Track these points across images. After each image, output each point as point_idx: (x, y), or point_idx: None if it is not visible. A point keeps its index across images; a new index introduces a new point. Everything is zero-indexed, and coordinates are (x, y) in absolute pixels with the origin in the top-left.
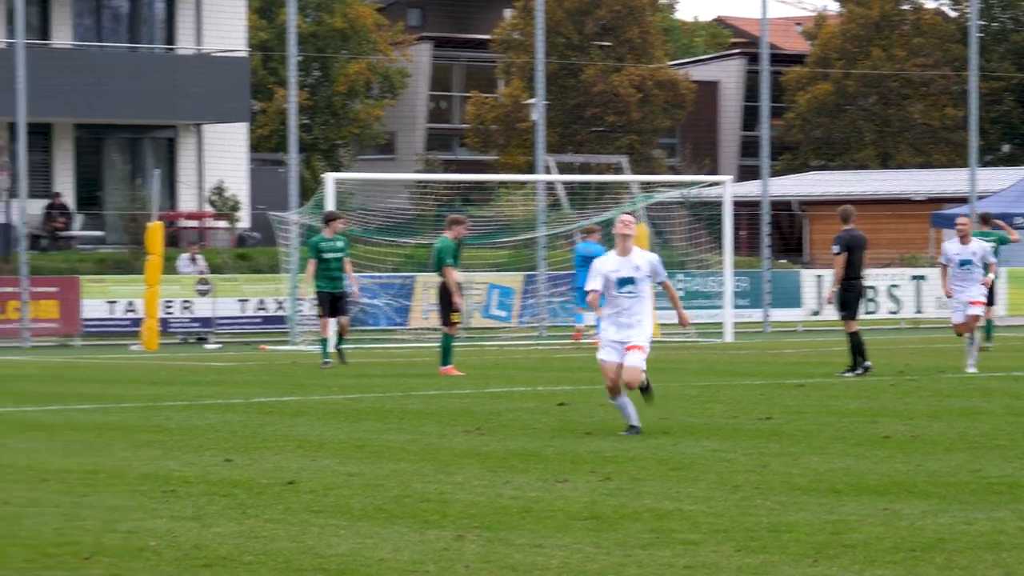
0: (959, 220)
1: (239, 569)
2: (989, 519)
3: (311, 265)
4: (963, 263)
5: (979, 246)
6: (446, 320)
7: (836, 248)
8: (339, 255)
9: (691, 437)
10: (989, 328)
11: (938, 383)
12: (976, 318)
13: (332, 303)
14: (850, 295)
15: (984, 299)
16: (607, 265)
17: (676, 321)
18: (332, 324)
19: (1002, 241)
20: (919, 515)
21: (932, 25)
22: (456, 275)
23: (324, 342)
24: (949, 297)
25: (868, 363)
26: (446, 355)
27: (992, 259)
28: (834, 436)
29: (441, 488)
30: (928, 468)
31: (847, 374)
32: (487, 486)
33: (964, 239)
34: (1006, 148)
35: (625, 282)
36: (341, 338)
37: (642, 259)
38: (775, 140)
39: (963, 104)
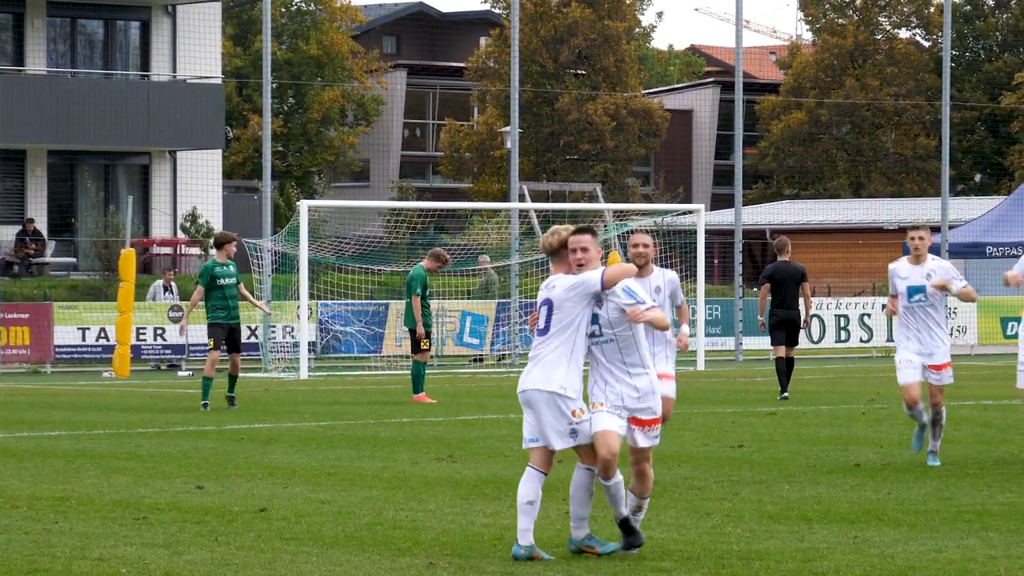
0: (636, 239)
1: None
2: (959, 547)
3: (198, 292)
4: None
5: (665, 278)
6: (416, 347)
7: (762, 279)
8: (233, 280)
9: (663, 464)
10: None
11: None
12: (671, 401)
13: (229, 336)
14: (772, 323)
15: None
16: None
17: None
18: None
19: None
20: (889, 543)
21: (905, 55)
22: (418, 304)
23: (208, 381)
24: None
25: (786, 394)
26: (417, 383)
27: (682, 297)
28: (805, 464)
29: (413, 516)
30: (898, 496)
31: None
32: (459, 514)
33: (644, 268)
34: (978, 178)
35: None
36: (233, 379)
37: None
38: (748, 169)
39: (935, 133)
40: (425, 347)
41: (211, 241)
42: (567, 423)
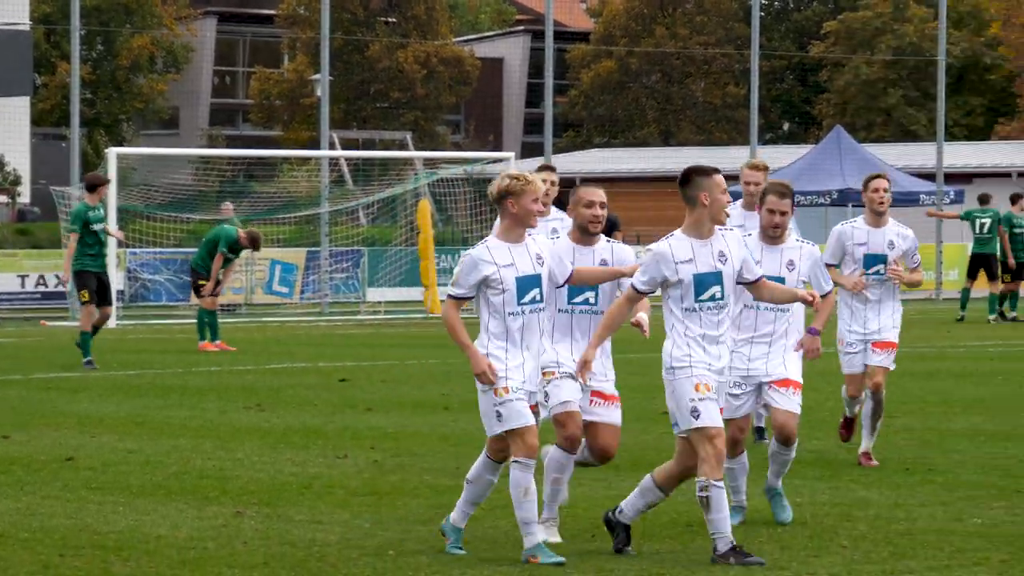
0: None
1: (15, 546)
2: (761, 494)
3: (75, 239)
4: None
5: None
6: (199, 292)
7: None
8: (103, 225)
9: (472, 413)
10: None
11: None
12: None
13: (99, 288)
14: None
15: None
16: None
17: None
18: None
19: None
20: (695, 491)
21: (715, 4)
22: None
23: (87, 337)
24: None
25: None
26: (203, 330)
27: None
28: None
29: (221, 464)
30: None
31: None
32: (267, 462)
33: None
34: (787, 126)
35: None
36: (96, 331)
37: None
38: (559, 117)
39: (744, 82)
40: (209, 292)
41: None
42: None
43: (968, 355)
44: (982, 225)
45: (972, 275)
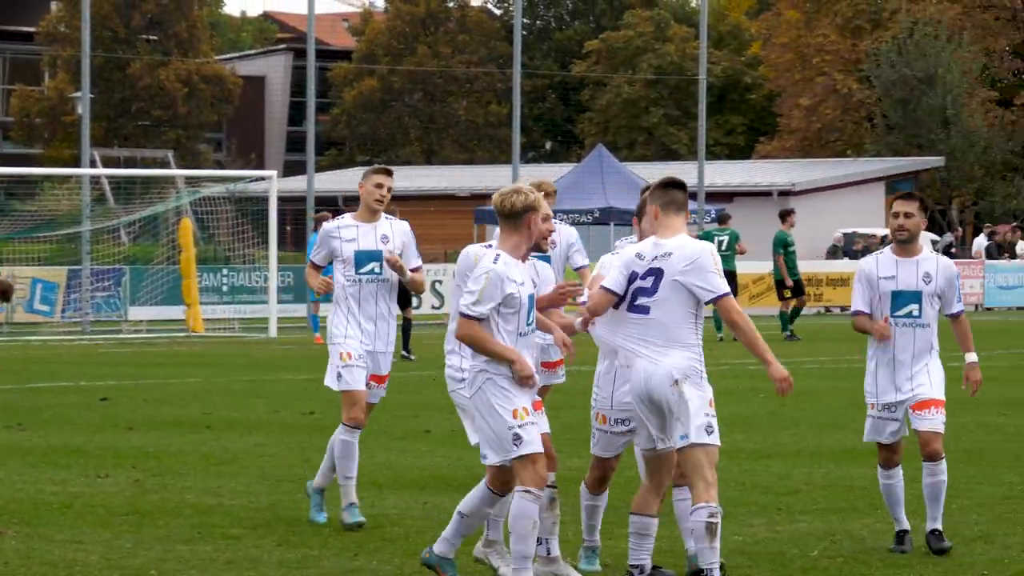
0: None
1: None
2: None
3: None
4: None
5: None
6: None
7: None
8: None
9: (234, 431)
10: None
11: None
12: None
13: None
14: None
15: None
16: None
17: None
18: None
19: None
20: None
21: (477, 23)
22: None
23: None
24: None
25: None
26: None
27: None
28: (376, 430)
29: None
30: (468, 462)
31: None
32: (28, 482)
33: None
34: (549, 145)
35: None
36: None
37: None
38: (321, 136)
39: (507, 101)
40: None
41: None
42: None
43: (729, 373)
44: (720, 242)
45: None
